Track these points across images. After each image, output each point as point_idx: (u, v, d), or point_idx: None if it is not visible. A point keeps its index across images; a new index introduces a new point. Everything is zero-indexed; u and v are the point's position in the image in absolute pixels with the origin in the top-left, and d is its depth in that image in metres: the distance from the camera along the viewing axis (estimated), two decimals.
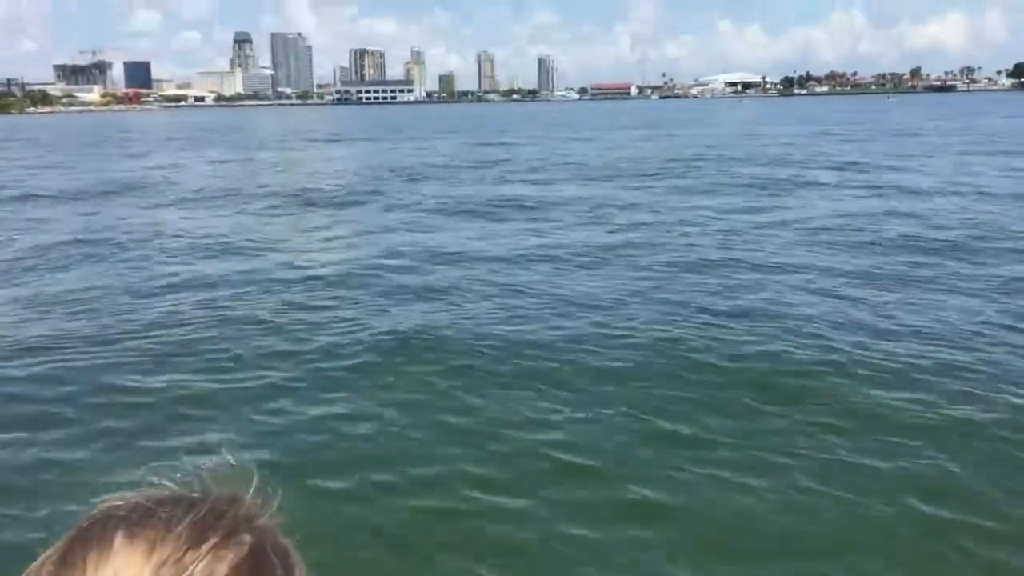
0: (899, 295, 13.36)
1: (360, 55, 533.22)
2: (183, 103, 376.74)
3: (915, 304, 12.79)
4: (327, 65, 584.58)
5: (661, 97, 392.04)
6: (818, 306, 12.71)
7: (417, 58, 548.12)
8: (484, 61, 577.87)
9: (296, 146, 65.01)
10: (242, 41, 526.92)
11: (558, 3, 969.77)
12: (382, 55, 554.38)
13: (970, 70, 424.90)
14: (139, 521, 0.78)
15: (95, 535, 0.77)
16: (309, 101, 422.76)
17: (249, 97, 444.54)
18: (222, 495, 0.86)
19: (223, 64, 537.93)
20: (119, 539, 0.76)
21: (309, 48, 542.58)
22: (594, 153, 50.13)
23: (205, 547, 0.77)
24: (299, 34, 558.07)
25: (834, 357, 10.33)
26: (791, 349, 10.66)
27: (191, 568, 0.75)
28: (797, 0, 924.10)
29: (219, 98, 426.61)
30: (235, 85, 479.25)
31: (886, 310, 12.43)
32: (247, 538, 0.83)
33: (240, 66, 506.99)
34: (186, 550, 0.76)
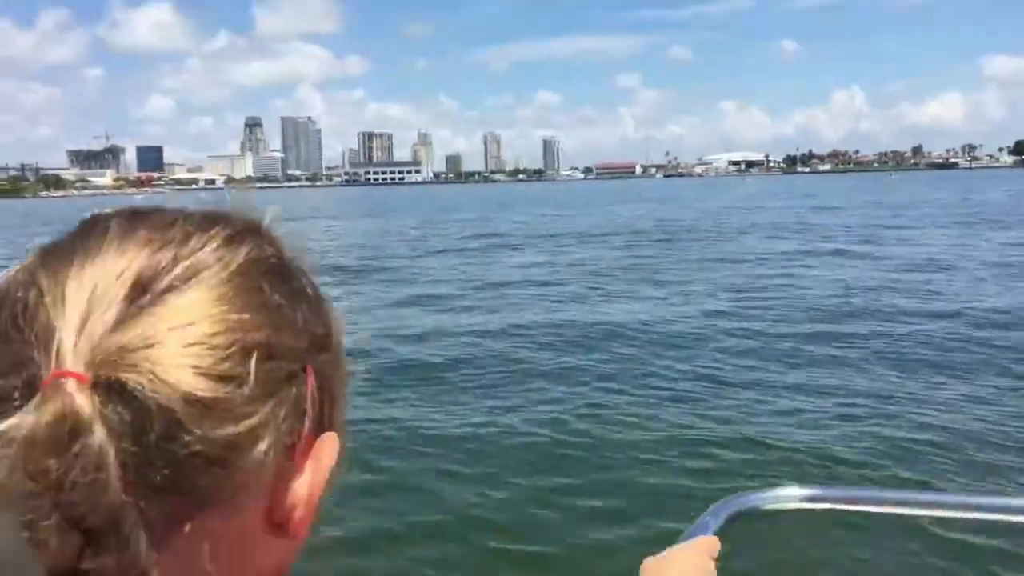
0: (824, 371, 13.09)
1: (368, 137, 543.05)
2: (194, 186, 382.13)
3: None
4: (336, 147, 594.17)
5: (665, 176, 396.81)
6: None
7: (424, 140, 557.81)
8: (490, 142, 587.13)
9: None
10: (253, 125, 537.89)
11: (561, 86, 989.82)
12: (390, 137, 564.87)
13: (972, 147, 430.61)
14: (140, 216, 0.65)
15: (86, 229, 0.64)
16: (318, 183, 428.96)
17: (259, 179, 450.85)
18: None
19: (234, 147, 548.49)
20: (114, 226, 0.63)
21: (318, 131, 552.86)
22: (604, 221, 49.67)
23: (216, 230, 0.64)
24: (309, 118, 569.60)
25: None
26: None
27: (198, 252, 0.61)
28: (798, 81, 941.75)
29: (229, 181, 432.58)
30: (245, 168, 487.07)
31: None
32: (271, 237, 0.69)
33: (251, 149, 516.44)
34: (191, 235, 0.63)
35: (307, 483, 0.64)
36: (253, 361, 0.58)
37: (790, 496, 1.53)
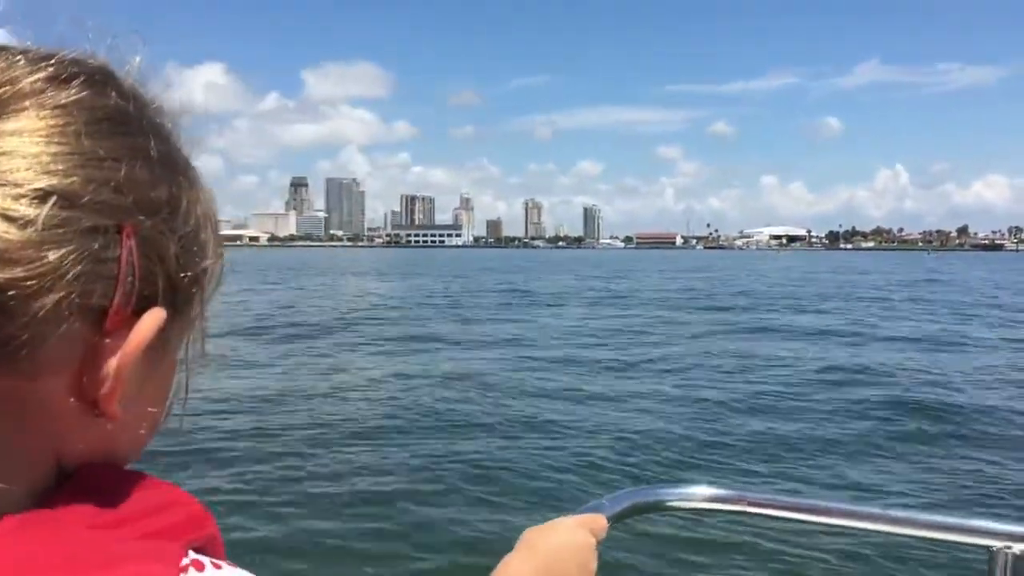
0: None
1: (411, 200, 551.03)
2: (238, 243, 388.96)
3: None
4: (379, 209, 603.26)
5: (706, 247, 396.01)
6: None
7: (466, 204, 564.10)
8: (531, 208, 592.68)
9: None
10: (298, 185, 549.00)
11: (603, 155, 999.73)
12: (432, 200, 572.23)
13: (1019, 229, 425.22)
14: None
15: None
16: (360, 243, 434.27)
17: (302, 238, 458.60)
18: None
19: (278, 206, 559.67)
20: None
21: (362, 193, 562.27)
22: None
23: (45, 65, 0.59)
24: (353, 179, 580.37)
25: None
26: None
27: (17, 85, 0.57)
28: (841, 158, 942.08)
29: (272, 238, 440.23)
30: (289, 227, 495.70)
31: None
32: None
33: (295, 208, 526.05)
34: (15, 67, 0.58)
35: (116, 355, 0.59)
36: (47, 205, 0.54)
37: (694, 495, 1.54)
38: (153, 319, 0.61)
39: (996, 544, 1.38)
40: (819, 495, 9.21)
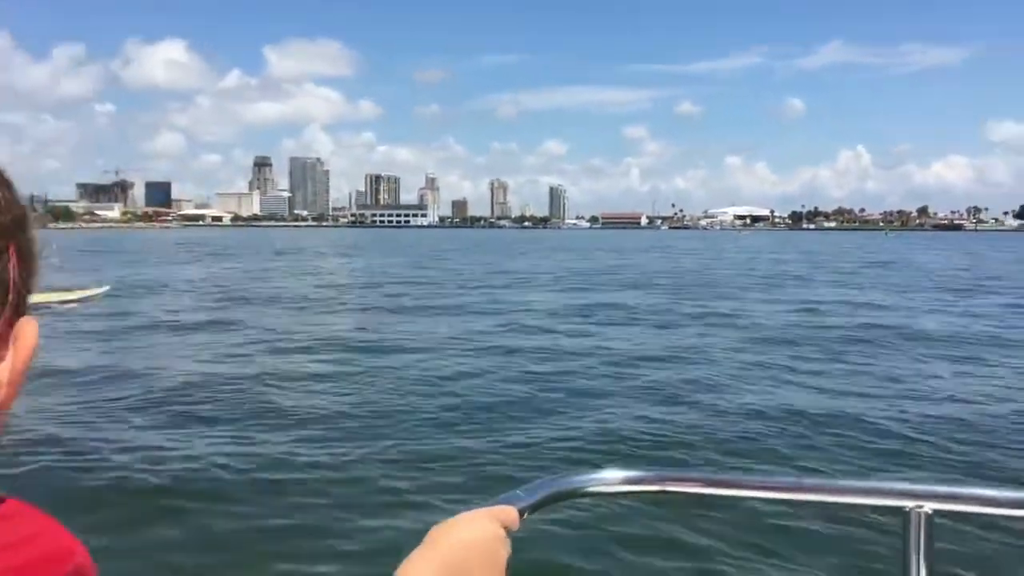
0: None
1: (375, 180, 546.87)
2: (201, 222, 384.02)
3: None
4: (343, 188, 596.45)
5: (671, 227, 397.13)
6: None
7: (431, 184, 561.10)
8: (497, 188, 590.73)
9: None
10: (262, 164, 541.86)
11: (568, 135, 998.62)
12: (397, 180, 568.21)
13: (977, 210, 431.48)
14: None
15: None
16: (324, 223, 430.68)
17: (266, 218, 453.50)
18: None
19: (242, 186, 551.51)
20: None
21: (326, 172, 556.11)
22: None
23: None
24: (317, 159, 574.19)
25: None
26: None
27: None
28: (804, 139, 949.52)
29: (236, 218, 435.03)
30: (252, 206, 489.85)
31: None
32: None
33: (258, 188, 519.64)
34: None
35: (8, 367, 0.62)
36: None
37: (612, 479, 1.52)
38: (33, 328, 0.63)
39: (909, 504, 1.41)
40: (736, 470, 9.38)
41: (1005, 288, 39.50)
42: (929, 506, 1.41)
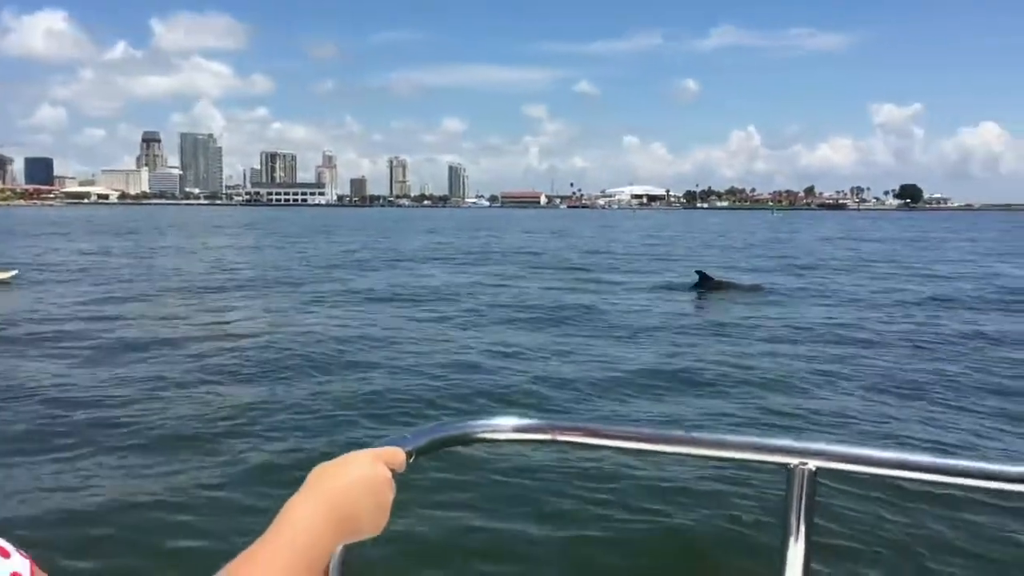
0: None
1: (271, 157, 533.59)
2: (86, 200, 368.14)
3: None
4: (237, 166, 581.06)
5: (569, 207, 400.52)
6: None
7: (329, 162, 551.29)
8: (396, 166, 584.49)
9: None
10: (150, 140, 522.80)
11: (467, 114, 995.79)
12: (294, 158, 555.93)
13: (860, 190, 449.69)
14: None
15: None
16: (218, 201, 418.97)
17: (155, 196, 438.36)
18: None
19: (129, 162, 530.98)
20: None
21: (219, 149, 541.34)
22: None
23: None
24: (210, 135, 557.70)
25: None
26: None
27: None
28: (699, 120, 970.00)
29: (123, 196, 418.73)
30: (141, 184, 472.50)
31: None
32: None
33: (147, 165, 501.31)
34: None
35: None
36: None
37: (502, 426, 1.51)
38: None
39: (793, 461, 1.43)
40: (627, 422, 9.57)
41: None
42: (813, 463, 1.43)
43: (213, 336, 16.74)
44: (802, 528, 1.43)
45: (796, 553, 1.43)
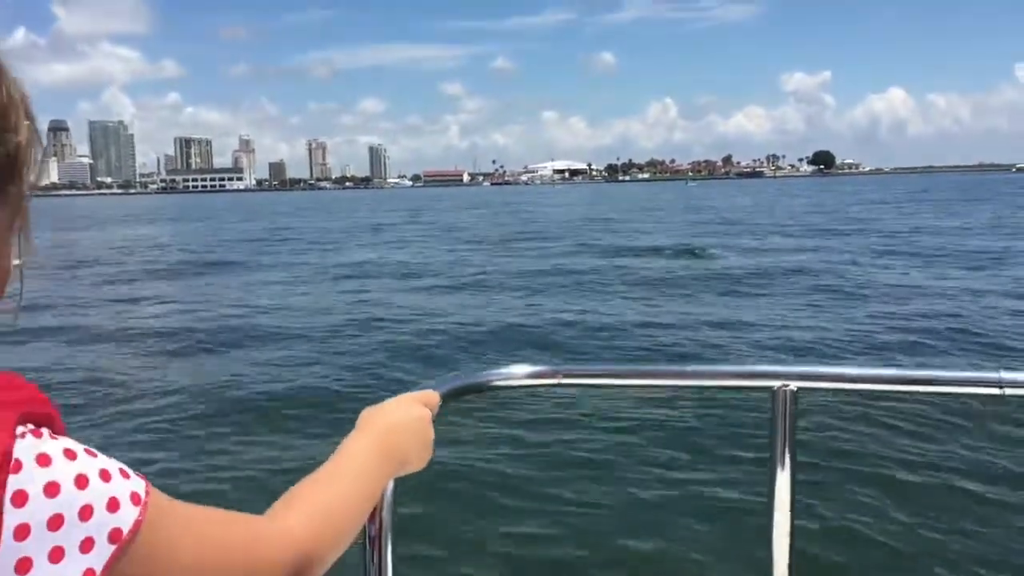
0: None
1: (186, 143, 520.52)
2: None
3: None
4: (150, 154, 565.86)
5: (493, 184, 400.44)
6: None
7: (246, 146, 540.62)
8: (315, 149, 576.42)
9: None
10: (57, 129, 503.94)
11: (385, 94, 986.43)
12: (209, 143, 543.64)
13: (775, 158, 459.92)
14: None
15: None
16: (132, 191, 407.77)
17: (65, 187, 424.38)
18: None
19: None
20: None
21: (131, 136, 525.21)
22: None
23: None
24: (120, 122, 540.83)
25: None
26: None
27: None
28: (616, 92, 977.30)
29: (31, 188, 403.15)
30: (50, 174, 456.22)
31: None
32: None
33: (55, 155, 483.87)
34: None
35: None
36: None
37: (514, 374, 1.62)
38: None
39: (776, 384, 1.53)
40: (623, 362, 10.25)
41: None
42: (794, 384, 1.53)
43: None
44: (787, 446, 1.53)
45: (783, 471, 1.54)
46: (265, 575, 0.84)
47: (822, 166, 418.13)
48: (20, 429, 0.59)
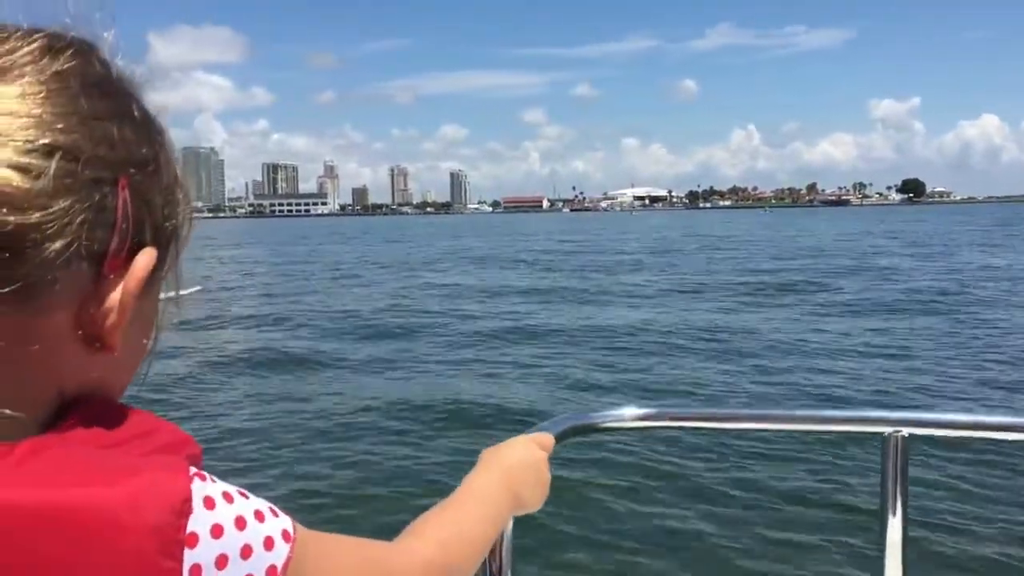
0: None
1: (273, 169, 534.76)
2: None
3: None
4: (239, 179, 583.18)
5: (572, 210, 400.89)
6: None
7: (330, 172, 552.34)
8: (397, 175, 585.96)
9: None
10: None
11: (467, 120, 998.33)
12: (295, 169, 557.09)
13: (862, 185, 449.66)
14: None
15: None
16: (221, 214, 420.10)
17: None
18: None
19: None
20: None
21: (221, 162, 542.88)
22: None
23: (37, 38, 0.65)
24: (212, 148, 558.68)
25: None
26: None
27: (14, 55, 0.63)
28: (698, 119, 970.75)
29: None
30: None
31: None
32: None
33: None
34: (10, 40, 0.64)
35: (118, 292, 0.66)
36: (55, 160, 0.60)
37: (623, 415, 1.63)
38: (147, 258, 0.67)
39: (887, 430, 1.52)
40: (732, 406, 10.32)
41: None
42: (906, 430, 1.52)
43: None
44: (899, 493, 1.51)
45: (894, 517, 1.52)
46: None
47: (911, 194, 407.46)
48: (192, 471, 0.64)
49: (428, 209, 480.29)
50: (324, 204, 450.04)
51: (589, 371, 13.46)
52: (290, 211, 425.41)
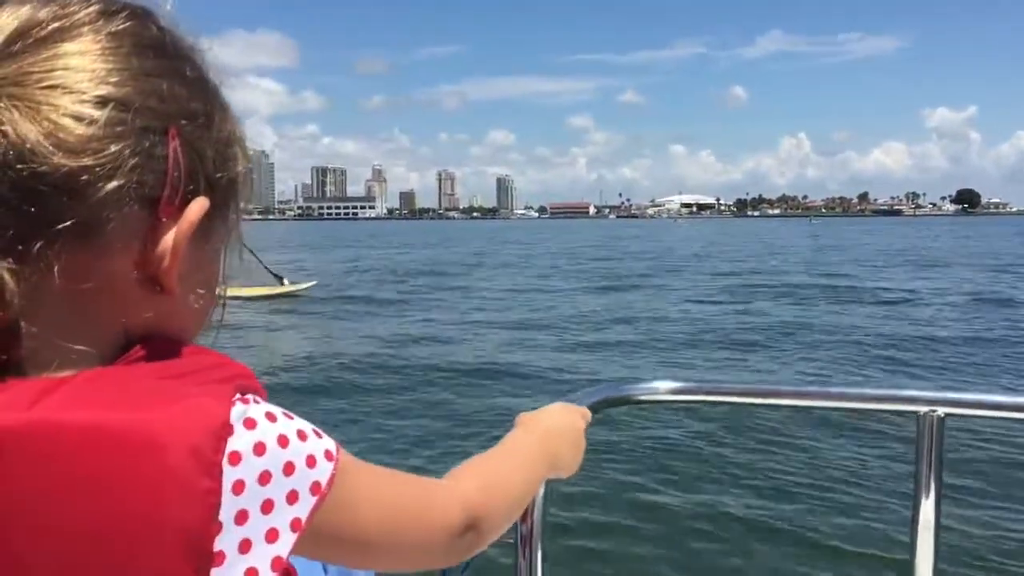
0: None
1: (322, 172, 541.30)
2: None
3: None
4: (288, 181, 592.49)
5: (618, 216, 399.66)
6: None
7: (378, 176, 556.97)
8: (444, 179, 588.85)
9: None
10: None
11: (514, 125, 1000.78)
12: (343, 172, 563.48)
13: (915, 195, 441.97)
14: None
15: None
16: (270, 216, 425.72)
17: None
18: None
19: None
20: None
21: (271, 165, 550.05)
22: None
23: (96, 1, 0.70)
24: (263, 152, 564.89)
25: None
26: None
27: (75, 15, 0.67)
28: (747, 127, 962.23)
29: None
30: None
31: None
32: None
33: None
34: (72, 2, 0.68)
35: (171, 236, 0.69)
36: (108, 109, 0.65)
37: (658, 389, 1.64)
38: (199, 206, 0.71)
39: (923, 409, 1.50)
40: (766, 380, 10.39)
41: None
42: (941, 410, 1.49)
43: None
44: (932, 474, 1.50)
45: (927, 499, 1.50)
46: (437, 533, 0.88)
47: (966, 205, 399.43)
48: (235, 396, 0.67)
49: (475, 214, 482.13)
50: (372, 207, 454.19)
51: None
52: (338, 214, 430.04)
